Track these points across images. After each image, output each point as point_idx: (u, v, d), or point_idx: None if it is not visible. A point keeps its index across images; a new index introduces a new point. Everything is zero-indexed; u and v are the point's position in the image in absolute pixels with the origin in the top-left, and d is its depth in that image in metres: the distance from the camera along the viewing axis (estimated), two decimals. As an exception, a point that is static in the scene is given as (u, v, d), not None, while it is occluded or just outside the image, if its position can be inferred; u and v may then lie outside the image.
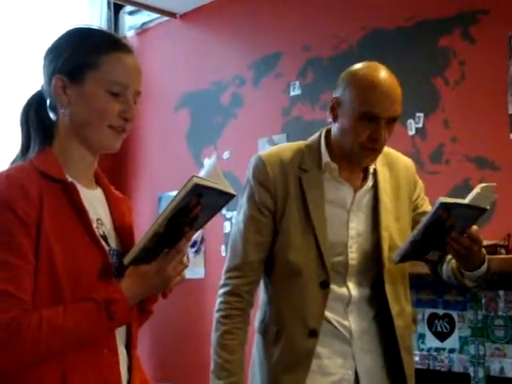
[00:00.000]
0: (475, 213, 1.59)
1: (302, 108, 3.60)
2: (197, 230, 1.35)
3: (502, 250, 2.52)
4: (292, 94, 3.64)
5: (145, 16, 4.46)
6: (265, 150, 3.72)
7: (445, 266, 1.80)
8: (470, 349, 2.41)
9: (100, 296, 1.25)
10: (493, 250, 2.46)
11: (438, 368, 2.52)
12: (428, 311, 2.60)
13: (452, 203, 1.55)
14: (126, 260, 1.31)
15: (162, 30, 4.44)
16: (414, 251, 1.64)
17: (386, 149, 1.81)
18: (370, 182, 1.75)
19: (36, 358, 1.21)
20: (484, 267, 1.69)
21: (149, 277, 1.30)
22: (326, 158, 1.74)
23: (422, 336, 2.57)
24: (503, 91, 2.80)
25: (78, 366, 1.25)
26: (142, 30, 4.54)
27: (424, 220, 1.59)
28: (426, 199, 1.88)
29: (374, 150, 1.68)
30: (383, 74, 1.67)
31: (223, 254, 3.86)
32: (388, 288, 1.71)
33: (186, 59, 4.28)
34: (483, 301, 2.44)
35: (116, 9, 4.55)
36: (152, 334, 4.07)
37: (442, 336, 1.79)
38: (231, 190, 1.30)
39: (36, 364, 1.21)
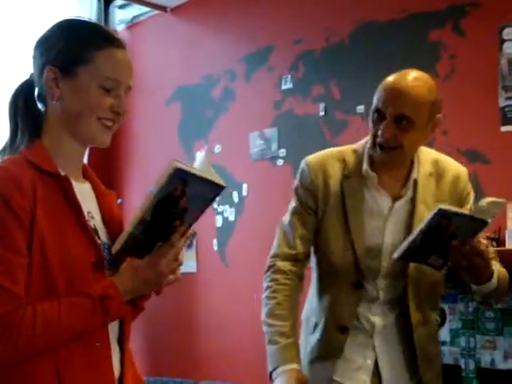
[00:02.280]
0: (476, 225, 1.59)
1: (293, 102, 3.59)
2: (190, 226, 1.34)
3: (493, 243, 2.53)
4: (284, 87, 3.64)
5: (135, 10, 4.44)
6: (257, 144, 3.77)
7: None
8: (461, 341, 2.42)
9: (95, 291, 1.25)
10: (483, 242, 2.47)
11: (429, 360, 2.53)
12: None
13: (450, 211, 1.57)
14: (114, 249, 1.30)
15: (152, 24, 4.42)
16: (414, 252, 1.66)
17: (438, 156, 1.87)
18: (409, 193, 1.79)
19: (30, 352, 1.20)
20: (492, 283, 1.70)
21: (141, 271, 1.30)
22: (365, 165, 1.79)
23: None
24: (494, 84, 2.81)
25: (70, 359, 1.25)
26: (133, 24, 4.52)
27: (422, 224, 1.61)
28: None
29: (382, 148, 1.72)
30: (402, 76, 1.73)
31: (215, 248, 3.86)
32: (411, 299, 1.76)
33: (176, 53, 4.27)
34: (474, 293, 2.45)
35: (106, 2, 4.53)
36: (144, 328, 4.07)
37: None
38: (220, 181, 1.28)
39: (30, 358, 1.21)
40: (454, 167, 1.87)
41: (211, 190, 1.30)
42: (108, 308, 1.25)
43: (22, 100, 1.36)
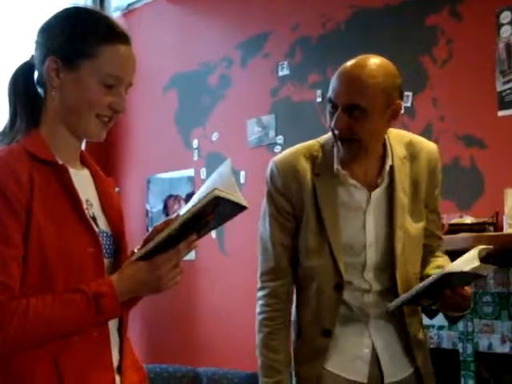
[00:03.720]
0: (471, 277, 1.65)
1: (290, 88, 3.58)
2: (201, 236, 1.35)
3: (491, 228, 2.53)
4: (280, 74, 3.63)
5: (131, -4, 4.41)
6: (255, 131, 3.76)
7: None
8: (459, 325, 2.43)
9: (90, 289, 1.24)
10: (481, 227, 2.48)
11: (427, 345, 2.55)
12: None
13: (453, 273, 1.59)
14: (135, 257, 1.31)
15: (148, 11, 4.40)
16: (410, 300, 1.69)
17: (411, 137, 1.82)
18: (385, 181, 1.75)
19: (20, 345, 1.20)
20: (464, 313, 1.74)
21: (141, 272, 1.29)
22: (335, 164, 1.74)
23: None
24: (491, 69, 2.80)
25: (68, 350, 1.25)
26: (129, 11, 4.49)
27: (422, 284, 1.63)
28: (439, 195, 1.87)
29: (341, 138, 1.68)
30: (353, 63, 1.68)
31: (214, 236, 3.87)
32: (400, 288, 1.74)
33: (173, 40, 4.25)
34: (472, 278, 2.46)
35: (101, -11, 4.50)
36: (143, 316, 4.08)
37: (431, 313, 1.82)
38: (245, 203, 1.29)
39: (20, 351, 1.21)
40: (427, 147, 1.82)
41: (234, 210, 1.32)
42: (102, 307, 1.24)
43: (22, 82, 1.35)
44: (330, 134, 1.78)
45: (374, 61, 1.68)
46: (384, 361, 1.76)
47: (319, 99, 3.42)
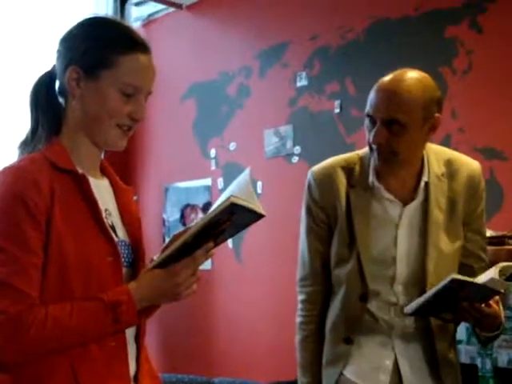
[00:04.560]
0: (489, 292, 1.61)
1: (308, 99, 3.58)
2: (219, 244, 1.34)
3: (510, 241, 2.50)
4: (299, 84, 3.63)
5: (151, 7, 4.45)
6: (272, 141, 3.76)
7: None
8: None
9: (108, 297, 1.24)
10: (500, 241, 2.45)
11: (445, 359, 2.52)
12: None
13: (462, 281, 1.56)
14: (152, 265, 1.31)
15: (168, 21, 4.43)
16: (427, 309, 1.67)
17: (451, 155, 1.82)
18: (420, 196, 1.75)
19: (39, 353, 1.21)
20: (497, 333, 1.72)
21: (159, 280, 1.29)
22: (371, 177, 1.76)
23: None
24: (511, 81, 2.78)
25: (86, 359, 1.26)
26: (149, 21, 4.53)
27: (434, 288, 1.60)
28: (482, 215, 1.84)
29: (377, 152, 1.70)
30: (391, 78, 1.69)
31: (230, 246, 3.87)
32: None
33: (192, 50, 4.27)
34: (491, 292, 2.43)
35: (122, 0, 4.55)
36: (159, 324, 4.08)
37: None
38: (262, 211, 1.29)
39: (39, 359, 1.21)
40: (467, 165, 1.80)
41: (252, 218, 1.31)
42: (119, 315, 1.24)
43: (44, 92, 1.36)
44: (366, 148, 1.80)
45: (412, 75, 1.69)
46: (406, 376, 1.74)
47: (337, 110, 3.42)
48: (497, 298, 1.66)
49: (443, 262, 1.73)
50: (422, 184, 1.75)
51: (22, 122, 1.46)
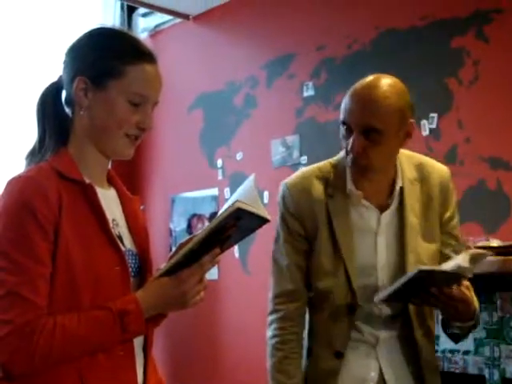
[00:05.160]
0: (456, 277, 1.59)
1: (315, 109, 3.59)
2: (224, 251, 1.34)
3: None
4: (305, 94, 3.64)
5: (158, 18, 4.47)
6: (279, 151, 3.77)
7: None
8: (485, 350, 2.39)
9: (115, 306, 1.25)
10: (507, 251, 2.44)
11: (452, 370, 2.50)
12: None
13: (430, 270, 1.55)
14: (158, 273, 1.31)
15: (175, 32, 4.46)
16: (397, 297, 1.66)
17: (421, 159, 1.80)
18: (395, 202, 1.74)
19: (47, 364, 1.21)
20: (470, 323, 1.69)
21: (166, 288, 1.29)
22: (349, 184, 1.73)
23: (436, 337, 2.55)
24: (518, 91, 2.78)
25: (94, 368, 1.26)
26: (156, 32, 4.56)
27: (403, 278, 1.58)
28: (456, 216, 1.82)
29: (354, 162, 1.66)
30: (366, 84, 1.65)
31: (236, 256, 3.86)
32: (412, 312, 1.72)
33: (199, 60, 4.29)
34: (498, 302, 2.42)
35: (129, 11, 4.57)
36: (166, 335, 4.08)
37: (456, 337, 1.79)
38: (267, 216, 1.30)
39: (48, 368, 1.21)
40: (439, 170, 1.80)
41: (257, 223, 1.32)
42: (127, 324, 1.24)
43: (51, 103, 1.37)
44: (341, 153, 1.78)
45: (386, 81, 1.66)
46: None
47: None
48: (467, 283, 1.62)
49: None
50: (397, 189, 1.73)
51: (28, 133, 1.47)
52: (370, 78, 1.67)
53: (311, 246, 1.75)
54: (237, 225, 1.28)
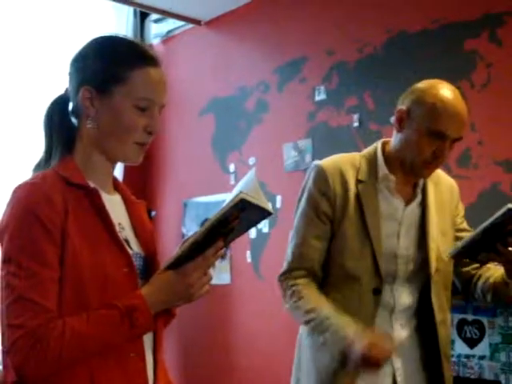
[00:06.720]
0: None
1: (327, 113, 3.58)
2: (229, 243, 1.35)
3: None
4: (317, 98, 3.63)
5: (170, 24, 4.50)
6: (291, 155, 3.76)
7: (481, 282, 1.86)
8: (501, 356, 2.37)
9: (122, 303, 1.25)
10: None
11: (467, 375, 2.48)
12: (457, 317, 2.56)
13: None
14: (163, 266, 1.32)
15: (187, 38, 4.47)
16: (471, 250, 1.70)
17: None
18: (419, 197, 1.85)
19: (59, 365, 1.22)
20: None
21: (171, 282, 1.30)
22: (384, 170, 1.82)
23: (451, 342, 2.53)
24: (532, 93, 2.76)
25: (104, 369, 1.26)
26: (168, 38, 4.58)
27: (487, 222, 1.63)
28: (465, 221, 1.97)
29: (434, 166, 1.78)
30: (454, 94, 1.75)
31: (249, 260, 3.86)
32: (434, 297, 1.78)
33: (211, 65, 4.30)
34: (514, 307, 2.40)
35: (142, 17, 4.60)
36: (178, 339, 4.08)
37: (471, 342, 1.78)
38: (269, 208, 1.32)
39: (59, 370, 1.22)
40: (446, 177, 1.97)
41: (259, 215, 1.33)
42: (135, 320, 1.25)
43: (58, 115, 1.38)
44: (370, 148, 1.88)
45: (457, 91, 1.78)
46: None
47: (356, 124, 3.41)
48: None
49: (438, 256, 1.80)
50: (420, 184, 1.84)
51: (36, 145, 1.47)
52: (451, 88, 1.77)
53: (334, 228, 1.80)
54: (240, 217, 1.28)
